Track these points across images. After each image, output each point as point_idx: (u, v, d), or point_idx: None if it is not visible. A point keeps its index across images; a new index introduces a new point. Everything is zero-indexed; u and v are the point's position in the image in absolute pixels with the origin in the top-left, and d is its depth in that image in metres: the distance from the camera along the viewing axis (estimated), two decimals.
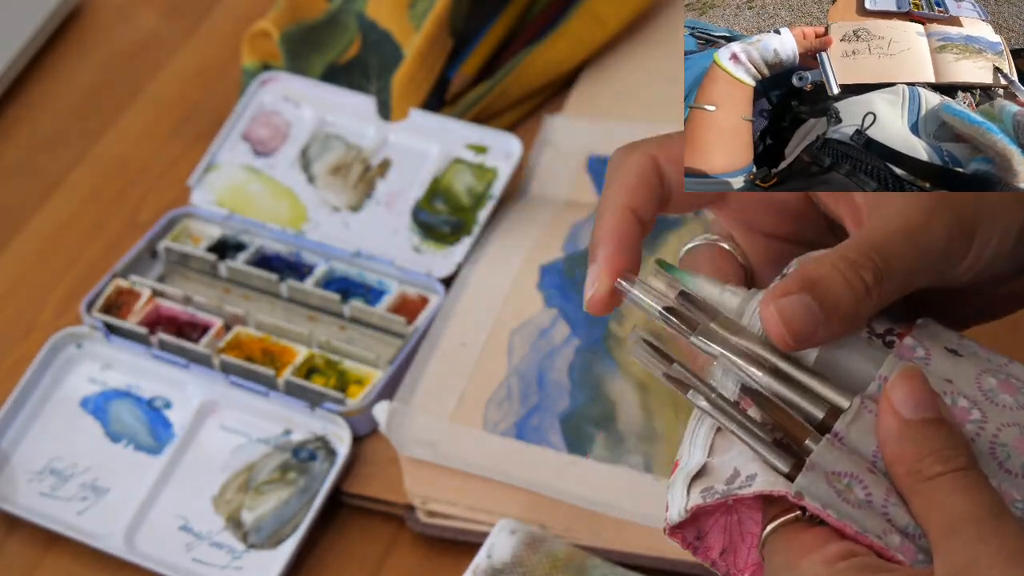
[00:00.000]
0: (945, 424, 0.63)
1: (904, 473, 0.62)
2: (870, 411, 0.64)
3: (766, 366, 0.65)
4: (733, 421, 0.64)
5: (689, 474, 0.66)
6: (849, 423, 0.64)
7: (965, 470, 0.61)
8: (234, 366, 0.98)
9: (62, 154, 1.15)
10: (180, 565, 0.91)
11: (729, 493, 0.64)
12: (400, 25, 1.12)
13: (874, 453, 0.63)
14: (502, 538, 0.87)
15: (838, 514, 0.62)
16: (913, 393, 0.63)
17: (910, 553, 0.61)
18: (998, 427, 0.64)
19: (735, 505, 0.67)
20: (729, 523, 0.68)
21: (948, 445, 0.62)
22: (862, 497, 0.63)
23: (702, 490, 0.65)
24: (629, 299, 0.68)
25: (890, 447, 0.63)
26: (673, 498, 0.67)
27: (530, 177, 1.10)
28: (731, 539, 0.68)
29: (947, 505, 0.61)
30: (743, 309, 0.67)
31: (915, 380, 0.63)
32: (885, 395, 0.63)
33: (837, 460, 0.63)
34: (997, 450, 0.63)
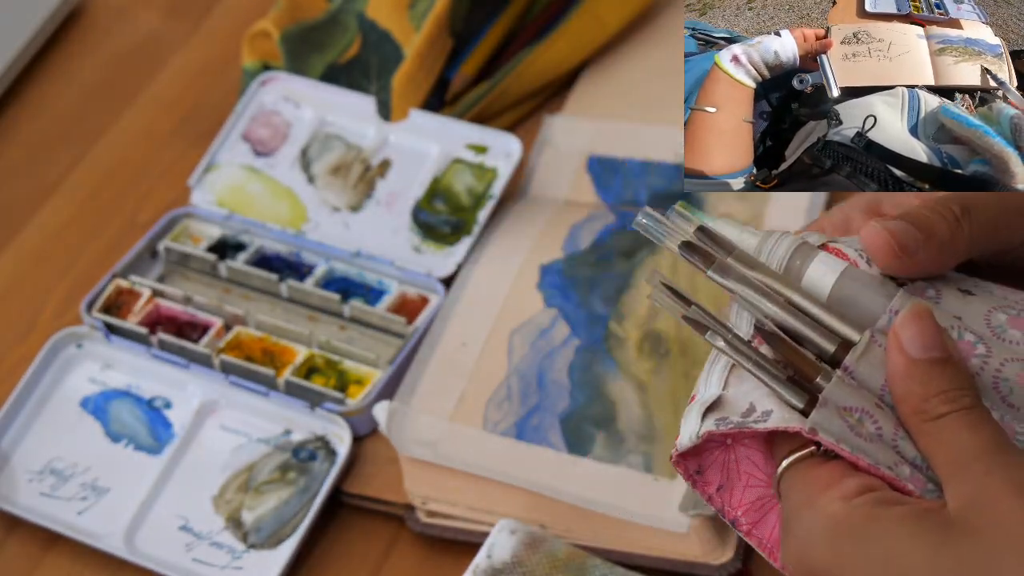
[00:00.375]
0: (951, 363, 0.64)
1: (910, 412, 0.64)
2: (880, 345, 0.65)
3: (780, 300, 0.67)
4: (749, 360, 0.66)
5: (704, 403, 0.67)
6: (859, 357, 0.65)
7: (970, 408, 0.63)
8: (234, 366, 0.98)
9: (62, 154, 1.15)
10: (180, 565, 0.91)
11: (744, 425, 0.66)
12: (400, 25, 1.12)
13: (882, 387, 0.65)
14: (502, 538, 0.87)
15: (851, 448, 0.64)
16: (921, 332, 0.64)
17: (919, 483, 0.63)
18: (1002, 362, 0.65)
19: (734, 445, 0.69)
20: (727, 461, 0.70)
21: (954, 385, 0.63)
22: (872, 431, 0.64)
23: (716, 419, 0.67)
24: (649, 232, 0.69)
25: (897, 386, 0.64)
26: (687, 424, 0.68)
27: (530, 177, 1.10)
28: (728, 477, 0.70)
29: (953, 443, 0.62)
30: (761, 248, 0.68)
31: (923, 319, 0.64)
32: (893, 333, 0.64)
33: (848, 396, 0.64)
34: (1000, 384, 0.64)
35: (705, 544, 0.88)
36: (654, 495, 0.90)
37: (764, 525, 0.70)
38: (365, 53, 1.13)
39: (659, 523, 0.89)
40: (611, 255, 1.02)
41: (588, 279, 1.00)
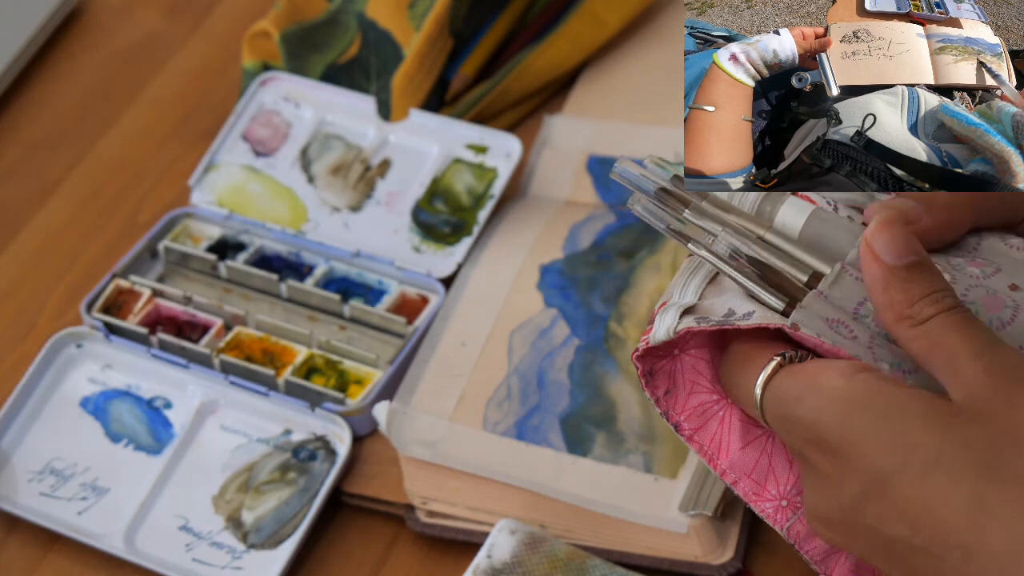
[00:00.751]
0: (928, 265, 0.66)
1: (896, 319, 0.65)
2: (850, 274, 0.68)
3: (753, 237, 0.71)
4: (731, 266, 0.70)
5: (682, 306, 0.71)
6: (831, 283, 0.69)
7: (954, 309, 0.65)
8: (234, 366, 0.98)
9: (62, 154, 1.15)
10: (180, 565, 0.91)
11: (726, 323, 0.70)
12: (400, 25, 1.12)
13: (855, 309, 0.68)
14: (502, 538, 0.87)
15: (832, 341, 0.67)
16: (894, 239, 0.66)
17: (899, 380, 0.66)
18: (967, 288, 0.68)
19: (680, 355, 0.73)
20: (673, 370, 0.74)
21: (935, 287, 0.65)
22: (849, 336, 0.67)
23: (696, 318, 0.71)
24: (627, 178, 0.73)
25: (878, 295, 0.66)
26: (661, 322, 0.72)
27: (530, 177, 1.10)
28: (674, 383, 0.74)
29: (947, 344, 0.64)
30: (731, 197, 0.73)
31: (894, 226, 0.66)
32: (866, 244, 0.66)
33: (824, 308, 0.68)
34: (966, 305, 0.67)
35: (705, 544, 0.88)
36: (654, 495, 0.90)
37: (705, 432, 0.74)
38: (365, 53, 1.13)
39: (659, 523, 0.89)
40: (611, 255, 1.02)
41: (588, 279, 1.00)
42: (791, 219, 0.72)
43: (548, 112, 1.14)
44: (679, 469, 0.91)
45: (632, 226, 1.03)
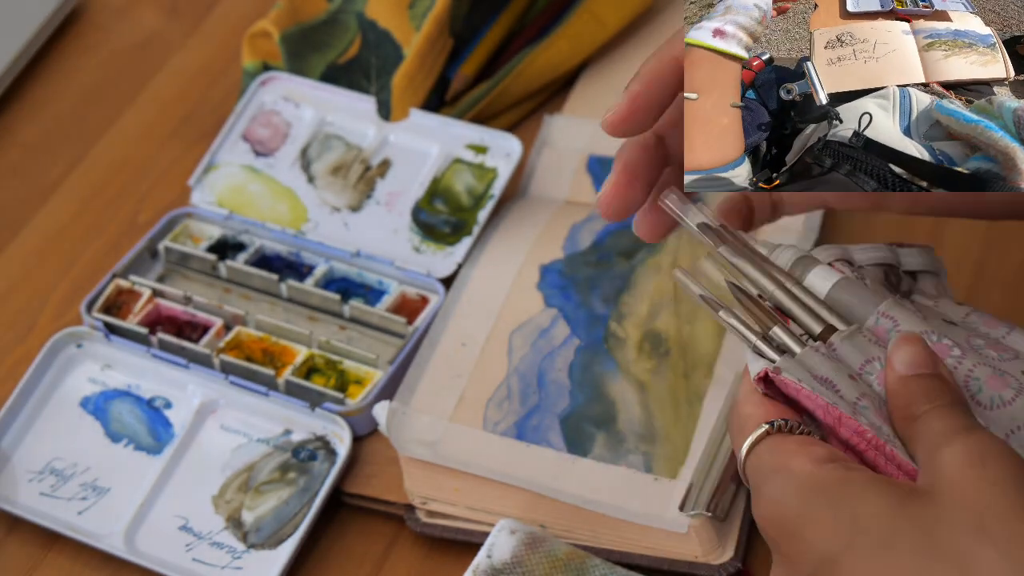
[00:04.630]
0: (938, 377, 0.68)
1: (899, 420, 0.67)
2: (865, 336, 0.70)
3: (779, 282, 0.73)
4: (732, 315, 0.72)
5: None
6: (844, 338, 0.70)
7: (949, 405, 0.67)
8: (234, 366, 0.98)
9: (62, 154, 1.15)
10: (180, 565, 0.91)
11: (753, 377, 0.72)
12: (400, 25, 1.12)
13: (861, 364, 0.70)
14: (502, 538, 0.87)
15: (812, 388, 0.69)
16: (911, 353, 0.68)
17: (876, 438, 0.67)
18: (974, 364, 0.69)
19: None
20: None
21: (938, 391, 0.67)
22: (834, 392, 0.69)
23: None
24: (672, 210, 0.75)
25: (890, 399, 0.68)
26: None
27: (530, 177, 1.10)
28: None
29: (928, 432, 0.65)
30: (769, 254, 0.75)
31: (914, 343, 0.69)
32: (888, 356, 0.69)
33: (818, 365, 0.70)
34: (971, 383, 0.69)
35: (705, 544, 0.88)
36: (654, 495, 0.90)
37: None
38: (365, 53, 1.13)
39: (659, 523, 0.88)
40: (611, 255, 1.02)
41: (588, 279, 1.00)
42: (818, 284, 0.73)
43: (548, 112, 1.14)
44: (679, 469, 0.91)
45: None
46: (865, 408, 0.68)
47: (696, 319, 0.96)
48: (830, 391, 0.68)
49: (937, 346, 0.69)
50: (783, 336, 0.71)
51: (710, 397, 0.93)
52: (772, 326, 0.71)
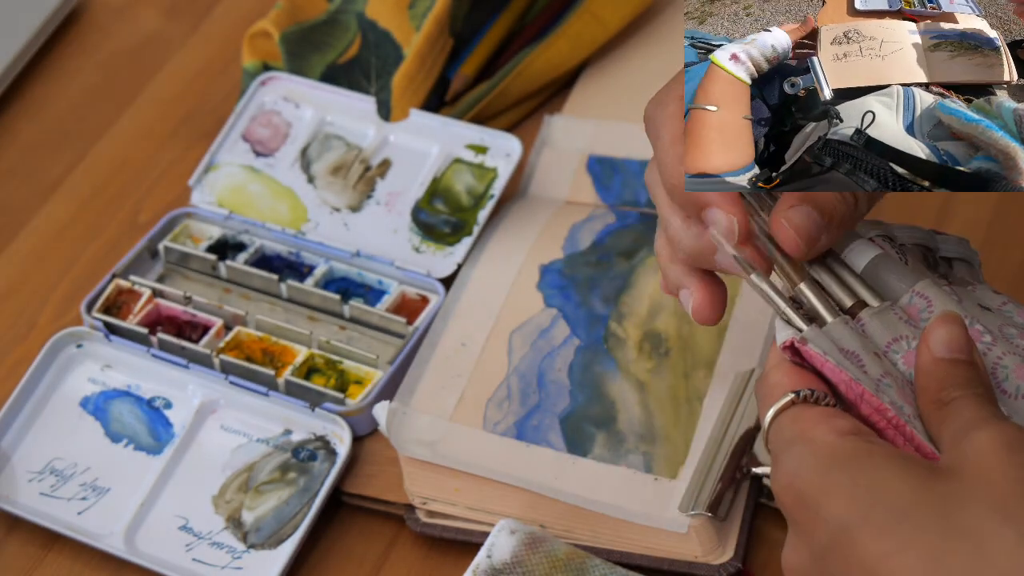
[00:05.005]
0: (972, 365, 0.68)
1: (927, 402, 0.68)
2: (896, 313, 0.71)
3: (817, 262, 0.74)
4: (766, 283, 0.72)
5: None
6: (874, 314, 0.71)
7: (979, 394, 0.67)
8: (234, 366, 0.98)
9: (62, 154, 1.15)
10: (180, 565, 0.91)
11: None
12: (400, 25, 1.12)
13: (888, 342, 0.70)
14: (502, 538, 0.87)
15: (837, 362, 0.69)
16: (948, 335, 0.68)
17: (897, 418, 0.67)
18: (1004, 351, 0.69)
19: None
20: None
21: (970, 380, 0.67)
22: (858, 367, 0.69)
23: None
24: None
25: (920, 379, 0.68)
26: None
27: (530, 177, 1.10)
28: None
29: (957, 419, 0.66)
30: None
31: (951, 324, 0.68)
32: (924, 334, 0.69)
33: (846, 338, 0.70)
34: (998, 371, 0.69)
35: (705, 544, 0.88)
36: (654, 495, 0.90)
37: None
38: (365, 53, 1.13)
39: (659, 523, 0.88)
40: (611, 255, 1.02)
41: (588, 279, 1.00)
42: (855, 258, 0.73)
43: (548, 112, 1.14)
44: (679, 469, 0.91)
45: (632, 226, 1.04)
46: (888, 386, 0.68)
47: None
48: (855, 366, 0.69)
49: (968, 331, 0.69)
50: (811, 296, 0.71)
51: (710, 397, 0.93)
52: (799, 282, 0.72)
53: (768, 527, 0.91)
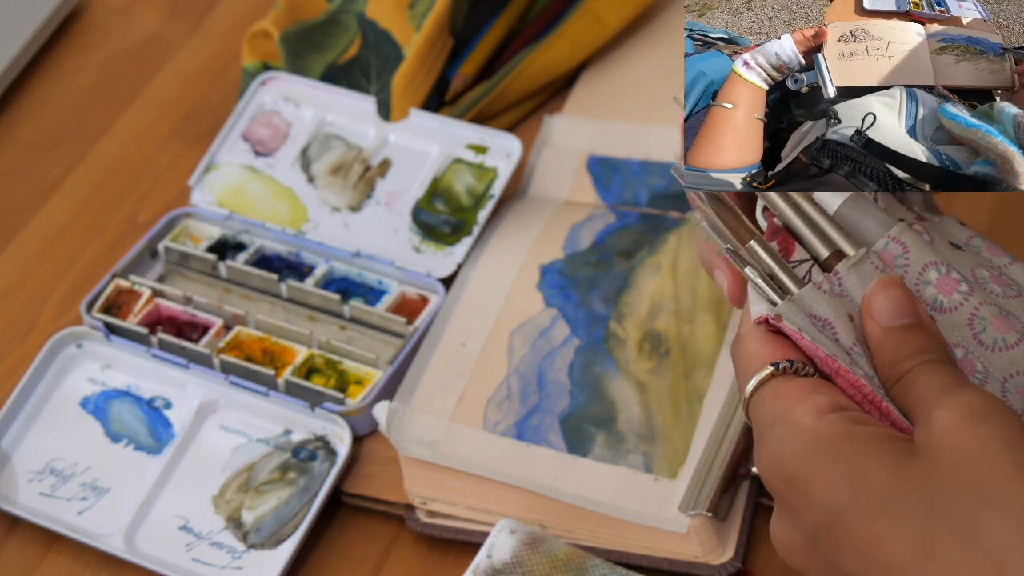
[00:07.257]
0: (922, 328, 0.68)
1: (886, 377, 0.68)
2: (872, 262, 0.70)
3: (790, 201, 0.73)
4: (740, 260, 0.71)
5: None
6: (851, 266, 0.70)
7: (935, 361, 0.67)
8: (234, 366, 0.98)
9: (62, 154, 1.15)
10: (180, 565, 0.91)
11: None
12: (400, 25, 1.12)
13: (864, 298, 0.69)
14: (502, 538, 0.87)
15: (812, 337, 0.68)
16: (890, 301, 0.68)
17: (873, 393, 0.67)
18: (981, 302, 0.69)
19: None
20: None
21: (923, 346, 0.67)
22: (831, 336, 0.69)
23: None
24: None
25: (874, 353, 0.69)
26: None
27: (530, 177, 1.10)
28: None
29: (916, 388, 0.66)
30: None
31: (892, 289, 0.69)
32: (865, 304, 0.69)
33: (818, 303, 0.69)
34: (975, 322, 0.69)
35: (705, 544, 0.88)
36: (654, 495, 0.90)
37: None
38: (365, 53, 1.13)
39: (659, 523, 0.89)
40: (611, 255, 1.02)
41: (588, 279, 1.00)
42: (828, 199, 0.73)
43: (548, 112, 1.14)
44: (679, 469, 0.91)
45: (632, 226, 1.04)
46: (860, 355, 0.68)
47: (696, 319, 0.96)
48: (829, 340, 0.68)
49: (945, 279, 0.69)
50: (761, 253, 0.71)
51: (710, 397, 0.93)
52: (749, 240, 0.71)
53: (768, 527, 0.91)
